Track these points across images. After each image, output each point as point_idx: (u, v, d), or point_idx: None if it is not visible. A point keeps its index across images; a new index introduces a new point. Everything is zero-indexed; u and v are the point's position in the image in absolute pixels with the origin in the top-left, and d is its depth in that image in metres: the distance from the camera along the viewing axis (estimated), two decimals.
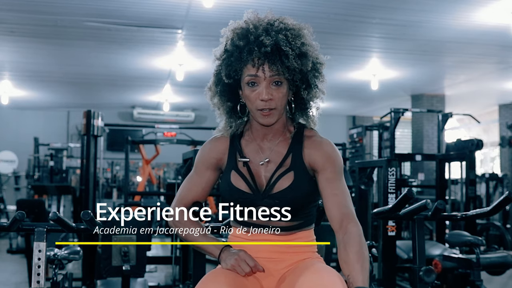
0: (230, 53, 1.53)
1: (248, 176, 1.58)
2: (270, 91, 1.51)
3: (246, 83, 1.53)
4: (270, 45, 1.48)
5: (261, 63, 1.50)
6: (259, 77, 1.51)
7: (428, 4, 5.73)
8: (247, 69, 1.52)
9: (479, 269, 2.93)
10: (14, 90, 10.11)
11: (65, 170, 9.48)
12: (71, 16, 6.11)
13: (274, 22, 1.53)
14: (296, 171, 1.56)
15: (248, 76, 1.52)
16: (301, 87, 1.56)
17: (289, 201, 1.54)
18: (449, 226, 6.06)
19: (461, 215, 2.28)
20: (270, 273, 1.58)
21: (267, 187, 1.56)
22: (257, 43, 1.49)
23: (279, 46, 1.48)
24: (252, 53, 1.49)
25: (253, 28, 1.52)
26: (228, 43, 1.55)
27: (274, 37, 1.49)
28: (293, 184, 1.55)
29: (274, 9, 1.60)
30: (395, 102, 10.93)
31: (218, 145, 1.65)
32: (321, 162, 1.57)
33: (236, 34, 1.54)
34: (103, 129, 5.19)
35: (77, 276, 4.51)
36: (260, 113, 1.53)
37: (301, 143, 1.60)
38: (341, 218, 1.51)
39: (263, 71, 1.50)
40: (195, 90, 9.97)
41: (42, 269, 1.86)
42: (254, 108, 1.54)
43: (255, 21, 1.55)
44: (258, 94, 1.52)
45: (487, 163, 12.71)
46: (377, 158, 7.38)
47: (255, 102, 1.53)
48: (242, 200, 1.56)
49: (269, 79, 1.51)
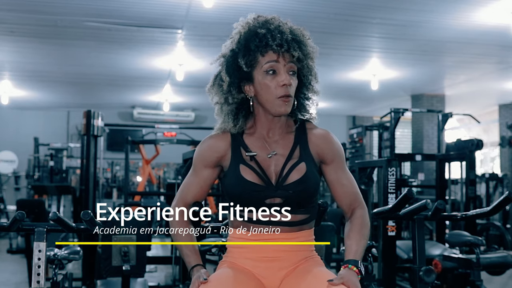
0: (248, 42, 1.55)
1: (258, 169, 1.59)
2: (289, 78, 1.56)
3: (265, 71, 1.56)
4: (289, 33, 1.55)
5: (283, 50, 1.55)
6: (279, 64, 1.55)
7: (428, 4, 5.73)
8: (267, 56, 1.55)
9: (479, 269, 2.93)
10: (14, 90, 10.11)
11: (65, 170, 9.48)
12: (71, 16, 6.11)
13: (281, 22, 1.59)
14: (307, 163, 1.59)
15: (268, 63, 1.55)
16: (306, 79, 1.63)
17: (301, 192, 1.57)
18: (449, 226, 6.06)
19: (461, 215, 2.28)
20: (271, 273, 1.58)
21: (280, 178, 1.58)
22: (278, 30, 1.54)
23: (297, 36, 1.56)
24: (276, 39, 1.53)
25: (271, 19, 1.58)
26: (243, 34, 1.57)
27: (289, 29, 1.56)
28: (306, 175, 1.57)
29: (274, 9, 1.62)
30: (395, 102, 10.93)
31: (217, 142, 1.65)
32: (330, 153, 1.63)
33: (252, 26, 1.57)
34: (103, 129, 5.19)
35: (77, 276, 4.51)
36: (281, 100, 1.56)
37: (305, 135, 1.64)
38: (350, 204, 1.66)
39: (283, 57, 1.55)
40: (195, 90, 9.97)
41: (42, 269, 1.86)
42: (274, 96, 1.56)
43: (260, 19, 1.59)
44: (277, 81, 1.55)
45: (487, 163, 12.71)
46: (377, 158, 7.38)
47: (275, 89, 1.55)
48: (254, 192, 1.56)
49: (288, 66, 1.56)
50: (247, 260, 1.60)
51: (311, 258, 1.63)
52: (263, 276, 1.58)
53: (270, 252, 1.58)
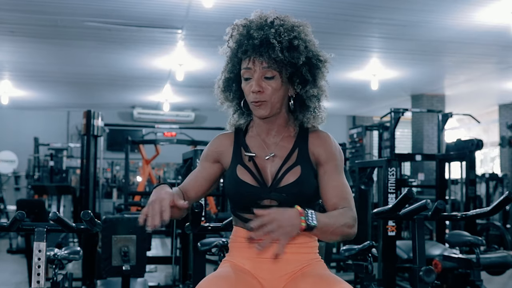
0: (230, 48, 1.61)
1: (254, 170, 1.60)
2: (261, 84, 1.55)
3: (243, 77, 1.59)
4: (259, 38, 1.52)
5: (251, 55, 1.55)
6: (251, 70, 1.56)
7: (428, 4, 5.73)
8: (243, 63, 1.58)
9: (479, 269, 2.94)
10: (14, 90, 10.11)
11: (65, 170, 9.48)
12: (71, 16, 6.11)
13: (274, 19, 1.57)
14: (302, 166, 1.58)
15: (243, 69, 1.58)
16: (295, 82, 1.58)
17: (296, 195, 1.55)
18: (449, 226, 6.06)
19: (461, 215, 2.28)
20: (272, 276, 1.58)
21: (274, 181, 1.58)
22: (247, 36, 1.54)
23: (268, 39, 1.52)
24: (243, 46, 1.55)
25: (249, 23, 1.57)
26: (229, 39, 1.61)
27: (266, 31, 1.53)
28: (300, 178, 1.56)
29: (274, 9, 1.61)
30: (395, 102, 10.93)
31: (221, 139, 1.70)
32: (324, 154, 1.61)
33: (235, 30, 1.59)
34: (103, 129, 5.19)
35: (77, 276, 4.51)
36: (253, 105, 1.58)
37: (306, 138, 1.63)
38: (334, 204, 1.56)
39: (253, 64, 1.55)
40: (195, 90, 9.97)
41: (42, 269, 1.86)
42: (248, 100, 1.59)
43: (256, 18, 1.59)
44: (250, 86, 1.56)
45: (487, 163, 12.71)
46: (377, 158, 7.38)
47: (248, 95, 1.58)
48: (248, 193, 1.57)
49: (261, 72, 1.55)
50: (247, 261, 1.60)
51: (315, 261, 1.61)
52: (263, 277, 1.58)
53: (269, 253, 1.56)
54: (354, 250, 2.59)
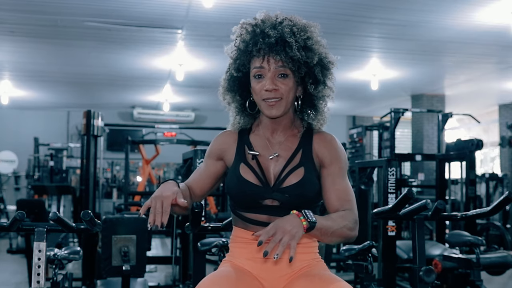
0: (238, 47, 1.58)
1: (257, 169, 1.59)
2: (275, 82, 1.54)
3: (253, 76, 1.57)
4: (275, 37, 1.51)
5: (265, 54, 1.53)
6: (265, 69, 1.54)
7: (428, 4, 5.72)
8: (254, 61, 1.56)
9: (479, 269, 2.94)
10: (14, 90, 10.11)
11: (65, 170, 9.48)
12: (71, 16, 6.11)
13: (283, 20, 1.56)
14: (306, 167, 1.58)
15: (254, 68, 1.56)
16: (308, 82, 1.58)
17: (298, 197, 1.55)
18: (449, 226, 6.06)
19: (461, 215, 2.28)
20: (272, 276, 1.58)
21: (277, 181, 1.57)
22: (262, 35, 1.52)
23: (283, 38, 1.51)
24: (257, 44, 1.52)
25: (261, 23, 1.56)
26: (237, 38, 1.59)
27: (280, 30, 1.52)
28: (303, 180, 1.56)
29: (275, 9, 1.62)
30: (395, 102, 10.94)
31: (224, 136, 1.69)
32: (328, 156, 1.60)
33: (244, 29, 1.57)
34: (103, 129, 5.19)
35: (77, 276, 4.51)
36: (266, 103, 1.55)
37: (310, 139, 1.63)
38: (337, 208, 1.56)
39: (268, 62, 1.53)
40: (195, 90, 9.96)
41: (42, 269, 1.86)
42: (260, 98, 1.56)
43: (265, 17, 1.58)
44: (263, 85, 1.54)
45: (487, 163, 12.71)
46: (377, 158, 7.38)
47: (259, 93, 1.55)
48: (250, 192, 1.56)
49: (275, 71, 1.54)
50: (247, 261, 1.59)
51: (315, 262, 1.62)
52: (263, 277, 1.57)
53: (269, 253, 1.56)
54: (354, 250, 2.59)
